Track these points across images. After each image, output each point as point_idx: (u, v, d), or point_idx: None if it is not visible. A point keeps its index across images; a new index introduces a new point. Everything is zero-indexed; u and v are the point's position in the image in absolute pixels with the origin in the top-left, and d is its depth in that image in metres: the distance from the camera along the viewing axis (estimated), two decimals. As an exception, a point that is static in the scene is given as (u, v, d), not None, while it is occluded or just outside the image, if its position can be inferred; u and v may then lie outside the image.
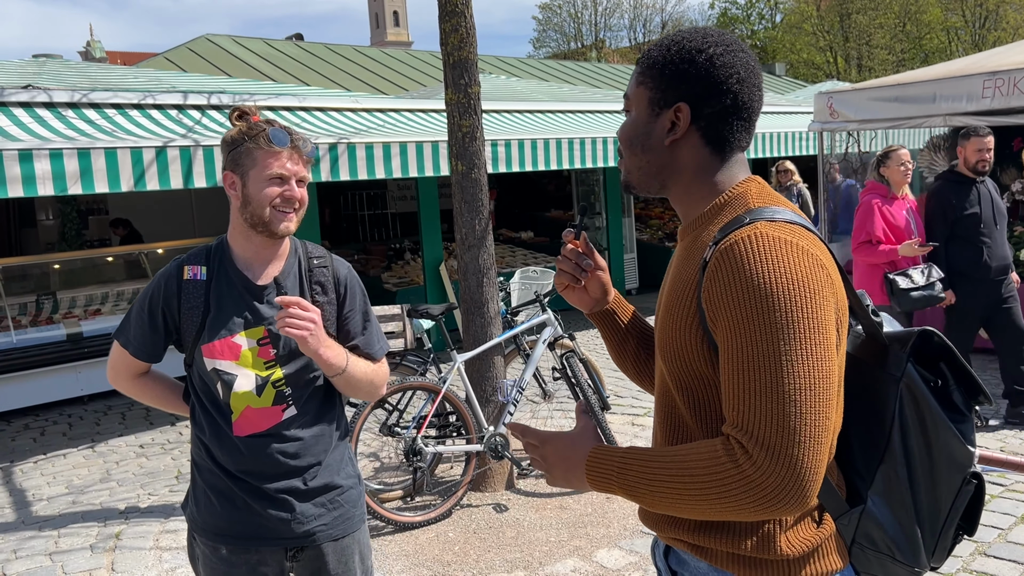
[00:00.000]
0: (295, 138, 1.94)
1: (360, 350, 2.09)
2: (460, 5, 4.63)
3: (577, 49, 47.38)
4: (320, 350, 1.90)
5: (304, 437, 2.00)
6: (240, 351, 1.95)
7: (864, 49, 36.67)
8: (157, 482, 5.37)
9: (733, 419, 1.19)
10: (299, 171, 1.95)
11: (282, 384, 1.98)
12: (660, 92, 1.35)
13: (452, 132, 4.76)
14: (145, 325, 1.99)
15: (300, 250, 2.07)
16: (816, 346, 1.16)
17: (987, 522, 3.99)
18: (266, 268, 2.00)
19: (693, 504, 1.20)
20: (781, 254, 1.18)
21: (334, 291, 2.06)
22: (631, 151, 1.40)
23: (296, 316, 1.84)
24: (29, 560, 4.26)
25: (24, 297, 7.76)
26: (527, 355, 5.02)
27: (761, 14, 41.78)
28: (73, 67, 9.61)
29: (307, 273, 2.04)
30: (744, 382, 1.17)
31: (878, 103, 7.92)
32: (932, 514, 1.32)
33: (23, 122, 6.21)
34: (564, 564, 3.85)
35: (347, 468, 2.10)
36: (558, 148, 8.51)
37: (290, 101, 8.10)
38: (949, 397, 1.32)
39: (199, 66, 13.91)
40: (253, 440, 1.97)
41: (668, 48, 1.35)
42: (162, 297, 1.98)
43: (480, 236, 4.76)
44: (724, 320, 1.20)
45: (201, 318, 1.95)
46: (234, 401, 1.96)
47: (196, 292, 1.97)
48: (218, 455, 1.99)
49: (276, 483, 1.97)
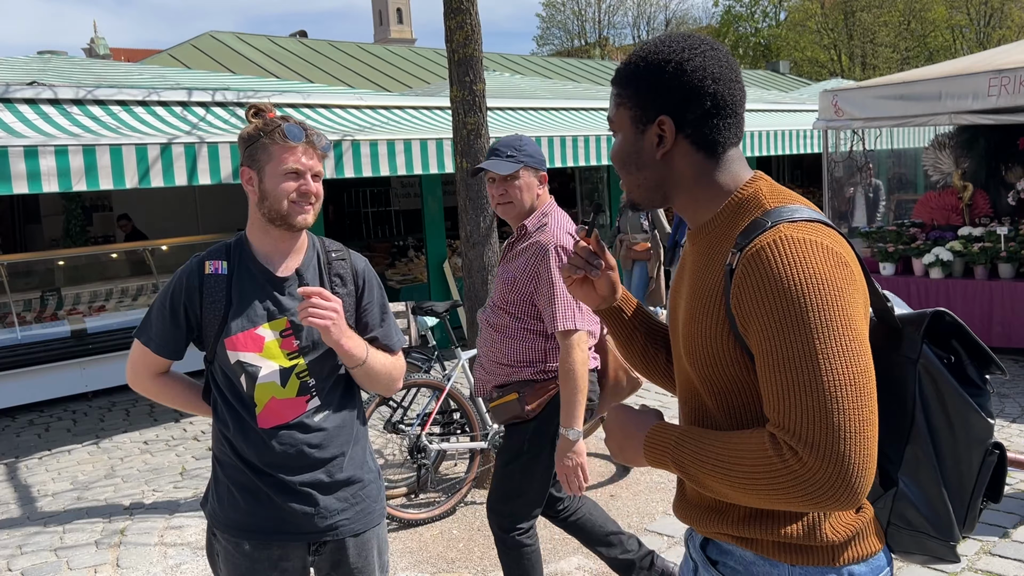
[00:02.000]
0: (309, 133, 1.96)
1: (379, 342, 2.11)
2: (465, 2, 4.63)
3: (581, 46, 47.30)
4: (342, 340, 1.92)
5: (328, 428, 2.02)
6: (263, 343, 1.97)
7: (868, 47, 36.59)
8: (161, 478, 5.38)
9: (777, 420, 1.21)
10: (314, 166, 1.97)
11: (306, 374, 2.00)
12: (640, 110, 1.35)
13: (457, 129, 4.76)
14: (167, 322, 2.01)
15: (318, 244, 2.10)
16: (851, 342, 1.18)
17: (993, 521, 3.99)
18: (286, 261, 2.02)
19: (742, 490, 1.23)
20: (808, 256, 1.20)
21: (352, 283, 2.08)
22: (627, 171, 1.41)
23: (319, 306, 1.86)
24: (34, 556, 4.27)
25: (29, 293, 7.77)
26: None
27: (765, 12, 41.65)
28: (78, 64, 9.62)
29: (326, 266, 2.07)
30: (784, 383, 1.19)
31: (883, 101, 7.90)
32: (960, 487, 1.35)
33: (28, 119, 6.22)
34: (568, 561, 3.85)
35: (368, 462, 2.13)
36: (562, 145, 8.51)
37: (294, 98, 8.11)
38: (964, 372, 1.34)
39: (203, 63, 13.92)
40: (278, 431, 1.98)
41: (636, 65, 1.35)
42: (184, 292, 1.99)
43: (484, 233, 4.76)
44: (757, 325, 1.22)
45: (223, 312, 1.97)
46: (258, 393, 1.97)
47: (218, 286, 1.98)
48: (242, 449, 2.00)
49: (300, 476, 1.99)
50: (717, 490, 1.27)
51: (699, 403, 1.40)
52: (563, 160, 8.54)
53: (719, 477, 1.25)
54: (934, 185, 9.02)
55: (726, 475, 1.24)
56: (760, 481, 1.20)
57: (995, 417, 1.36)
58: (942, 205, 8.45)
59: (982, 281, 7.18)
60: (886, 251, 7.90)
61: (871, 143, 9.26)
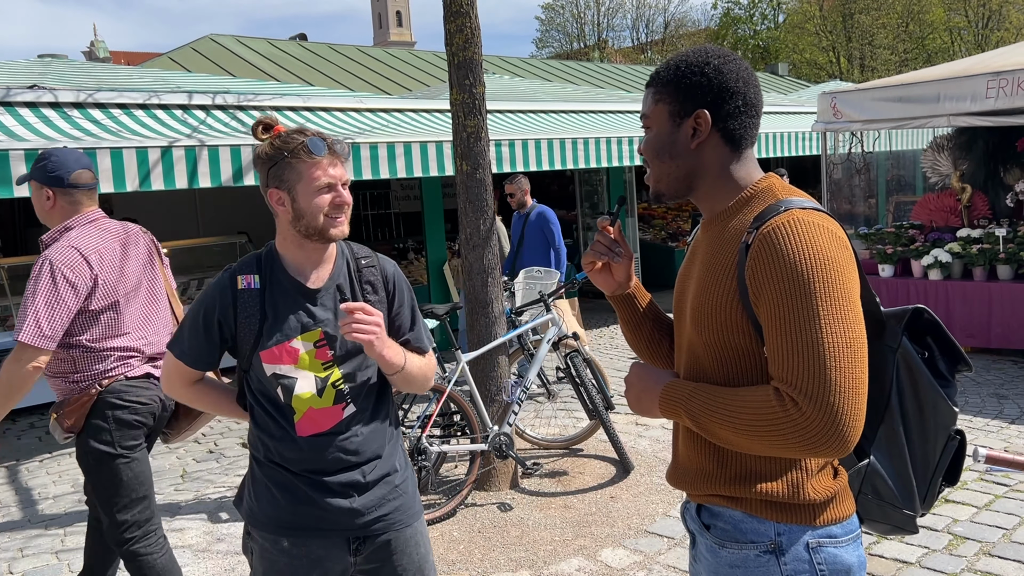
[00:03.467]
0: (331, 143, 1.97)
1: (411, 345, 2.15)
2: (465, 5, 4.64)
3: (580, 49, 47.34)
4: (384, 352, 1.95)
5: (364, 433, 2.05)
6: (298, 355, 1.99)
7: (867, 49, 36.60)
8: (162, 481, 5.39)
9: (780, 375, 1.37)
10: (341, 175, 1.99)
11: (341, 383, 2.03)
12: (678, 104, 1.52)
13: (457, 132, 4.77)
14: (200, 336, 2.03)
15: (347, 251, 2.12)
16: (848, 311, 1.35)
17: (992, 522, 4.00)
18: (317, 272, 2.05)
19: (746, 436, 1.39)
20: (815, 235, 1.38)
21: (383, 289, 2.11)
22: (659, 160, 1.56)
23: (362, 321, 1.89)
24: (35, 558, 4.28)
25: (29, 296, 7.77)
26: (531, 355, 5.03)
27: (764, 14, 41.68)
28: (78, 67, 9.63)
29: (356, 273, 2.09)
30: (789, 344, 1.35)
31: (882, 103, 7.92)
32: (924, 466, 1.55)
33: (29, 122, 6.23)
34: (569, 563, 3.86)
35: (402, 460, 2.16)
36: (562, 148, 8.52)
37: (294, 101, 8.12)
38: (936, 366, 1.55)
39: (203, 66, 13.93)
40: (315, 440, 2.01)
41: (677, 67, 1.53)
42: (217, 308, 2.01)
43: (484, 236, 4.77)
44: (768, 293, 1.38)
45: (258, 326, 2.00)
46: (296, 403, 2.00)
47: (251, 301, 2.00)
48: (280, 454, 2.02)
49: (338, 477, 2.02)
50: (724, 437, 1.42)
51: (699, 370, 1.55)
52: (563, 162, 8.55)
53: (727, 425, 1.40)
54: (933, 187, 9.04)
55: (733, 423, 1.40)
56: (763, 428, 1.36)
57: (958, 407, 1.57)
58: (941, 207, 8.47)
59: (981, 283, 7.19)
60: (885, 252, 7.92)
61: (870, 145, 9.28)
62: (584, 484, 4.85)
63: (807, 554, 1.47)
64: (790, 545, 1.47)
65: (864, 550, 1.64)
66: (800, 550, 1.47)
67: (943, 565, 3.63)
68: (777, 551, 1.48)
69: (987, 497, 4.31)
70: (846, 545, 1.49)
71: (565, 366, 5.12)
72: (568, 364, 5.09)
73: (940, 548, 3.78)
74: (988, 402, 5.95)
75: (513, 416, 4.71)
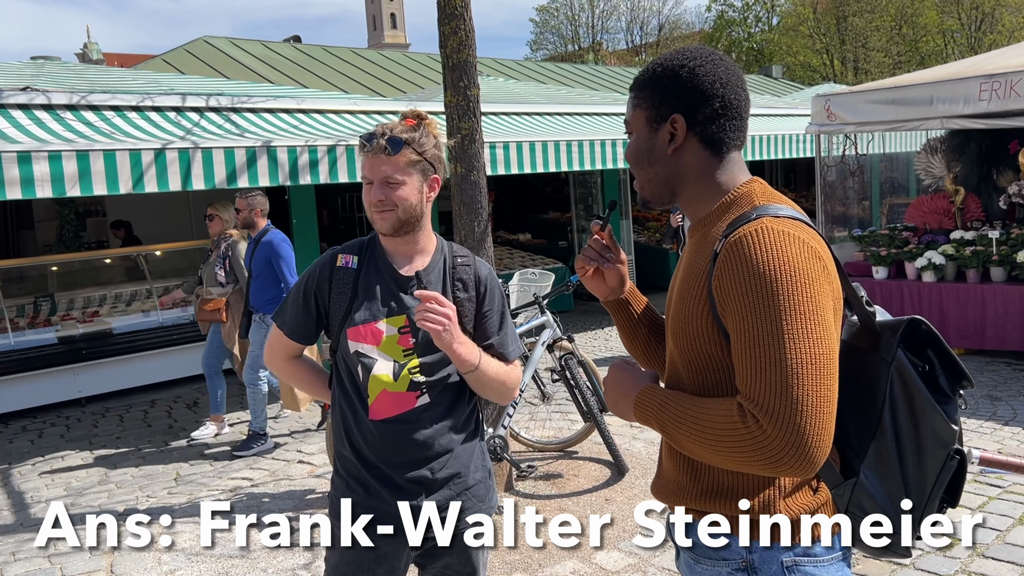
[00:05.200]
0: (377, 137, 2.01)
1: (495, 349, 2.15)
2: (460, 8, 4.64)
3: (575, 51, 47.39)
4: (453, 345, 1.96)
5: (436, 426, 2.07)
6: (382, 336, 2.04)
7: (860, 52, 36.71)
8: (155, 484, 5.37)
9: (745, 392, 1.32)
10: (383, 171, 2.00)
11: (417, 372, 2.05)
12: (655, 109, 1.50)
13: (451, 134, 4.76)
14: (300, 308, 2.12)
15: (446, 249, 2.17)
16: (816, 326, 1.29)
17: (987, 524, 4.00)
18: (412, 262, 2.10)
19: (712, 451, 1.35)
20: (783, 245, 1.32)
21: (474, 289, 2.14)
22: (640, 167, 1.54)
23: (433, 311, 1.91)
24: (28, 562, 4.26)
25: (22, 299, 7.75)
26: (526, 357, 5.02)
27: (758, 16, 41.79)
28: (71, 69, 9.60)
29: (451, 270, 2.13)
30: (752, 359, 1.30)
31: (876, 106, 7.94)
32: (919, 487, 1.44)
33: (21, 124, 6.20)
34: (564, 566, 3.86)
35: (477, 463, 2.16)
36: (556, 150, 8.52)
37: (288, 103, 8.11)
38: (936, 381, 1.45)
39: (197, 68, 13.90)
40: (387, 425, 2.04)
41: (654, 71, 1.51)
42: (315, 282, 2.10)
43: (479, 238, 4.77)
44: (733, 304, 1.34)
45: (348, 303, 2.06)
46: (372, 384, 2.04)
47: (346, 279, 2.08)
48: (355, 439, 2.07)
49: (406, 471, 2.04)
50: (692, 450, 1.40)
51: (678, 380, 1.52)
52: (557, 164, 8.55)
53: (693, 438, 1.37)
54: (926, 189, 9.06)
55: (699, 437, 1.35)
56: (726, 444, 1.32)
57: (959, 425, 1.44)
58: (934, 209, 8.49)
59: (974, 285, 7.21)
60: (879, 255, 7.93)
61: (863, 147, 9.30)
62: (579, 486, 4.84)
63: (782, 573, 1.42)
64: (763, 564, 1.43)
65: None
66: (775, 569, 1.42)
67: (937, 567, 3.63)
68: (749, 569, 1.44)
69: (981, 499, 4.31)
70: (827, 565, 1.44)
71: (560, 368, 5.12)
72: (563, 366, 5.09)
73: (935, 550, 3.78)
74: (982, 404, 5.96)
75: (508, 418, 4.70)
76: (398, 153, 1.99)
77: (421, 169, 2.03)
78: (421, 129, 2.05)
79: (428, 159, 2.04)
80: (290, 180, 6.69)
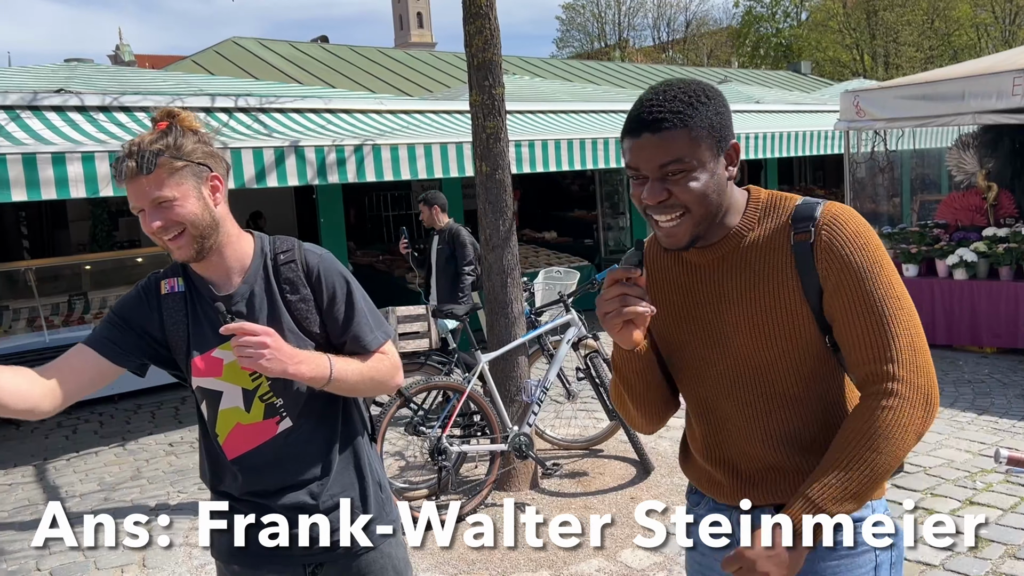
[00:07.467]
0: (124, 159, 1.69)
1: (350, 345, 1.85)
2: (485, 7, 4.65)
3: (600, 49, 47.21)
4: (288, 369, 1.67)
5: (307, 449, 1.83)
6: (222, 365, 1.78)
7: (891, 46, 36.22)
8: (186, 480, 5.45)
9: (873, 355, 1.42)
10: (148, 194, 1.68)
11: (270, 396, 1.80)
12: (717, 140, 1.44)
13: (476, 133, 4.78)
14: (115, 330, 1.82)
15: (267, 248, 1.86)
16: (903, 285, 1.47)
17: (1017, 525, 3.95)
18: (228, 276, 1.82)
19: (895, 454, 1.40)
20: (861, 219, 1.48)
21: (305, 285, 1.82)
22: (706, 205, 1.45)
23: (245, 344, 1.63)
24: (63, 555, 4.35)
25: (56, 297, 7.89)
26: (551, 355, 5.03)
27: (786, 12, 41.36)
28: (104, 71, 9.75)
29: (274, 273, 1.83)
30: (879, 319, 1.42)
31: (906, 101, 7.84)
32: None
33: (56, 126, 6.32)
34: (589, 564, 3.86)
35: (366, 473, 1.91)
36: (582, 148, 8.51)
37: (316, 103, 8.17)
38: None
39: (226, 69, 14.06)
40: (248, 459, 1.81)
41: (694, 104, 1.42)
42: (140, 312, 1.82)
43: (504, 237, 4.78)
44: (851, 276, 1.43)
45: (186, 332, 1.80)
46: (221, 421, 1.81)
47: (176, 306, 1.81)
48: (219, 478, 1.86)
49: (281, 499, 1.82)
50: (889, 469, 1.41)
51: (773, 382, 1.52)
52: (583, 163, 8.54)
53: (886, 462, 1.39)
54: (958, 185, 8.93)
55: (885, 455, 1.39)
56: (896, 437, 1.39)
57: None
58: (966, 206, 8.36)
59: (1007, 282, 7.09)
60: (909, 252, 7.84)
61: (893, 143, 9.19)
62: (604, 485, 4.84)
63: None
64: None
65: None
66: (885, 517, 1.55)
67: (968, 568, 3.59)
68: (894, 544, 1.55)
69: (1012, 499, 4.25)
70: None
71: (585, 367, 5.12)
72: (588, 364, 5.09)
73: (964, 551, 3.74)
74: (1015, 404, 5.87)
75: (533, 416, 4.72)
76: (156, 168, 1.67)
77: (192, 174, 1.72)
78: (174, 130, 1.74)
79: (195, 160, 1.73)
80: (318, 179, 6.76)
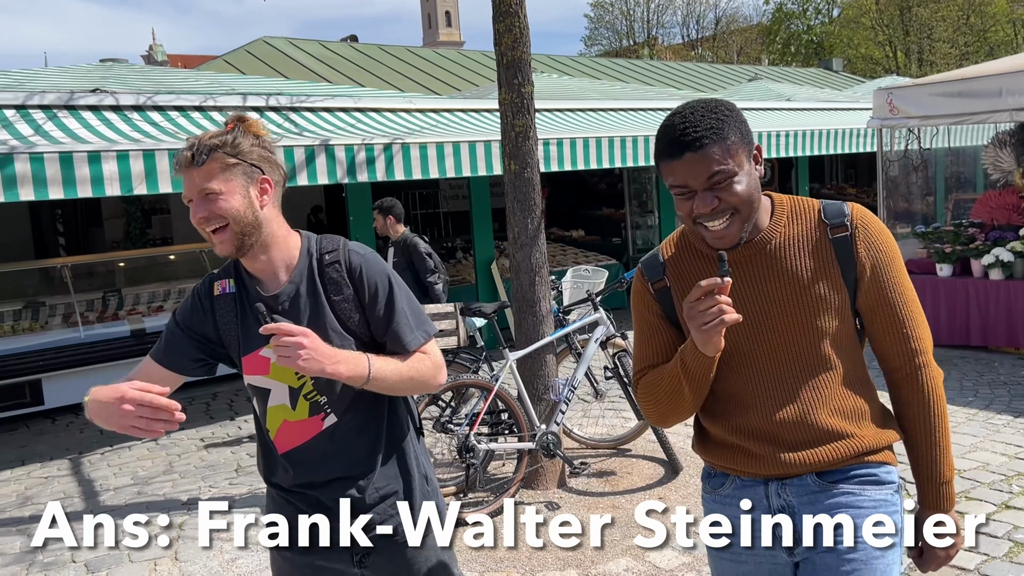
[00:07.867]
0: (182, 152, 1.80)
1: (391, 345, 1.90)
2: (514, 5, 4.65)
3: (629, 46, 46.97)
4: (326, 368, 1.73)
5: (351, 444, 1.89)
6: (269, 364, 1.85)
7: (925, 43, 35.65)
8: (217, 475, 5.52)
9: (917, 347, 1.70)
10: (197, 185, 1.78)
11: (314, 394, 1.87)
12: (748, 146, 1.64)
13: (505, 132, 4.78)
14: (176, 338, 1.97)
15: (313, 248, 1.91)
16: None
17: None
18: (276, 275, 1.88)
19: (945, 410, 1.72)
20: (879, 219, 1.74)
21: (348, 285, 1.87)
22: (751, 203, 1.62)
23: (284, 344, 1.69)
24: (98, 548, 4.42)
25: (91, 294, 8.03)
26: (579, 354, 5.02)
27: (818, 8, 40.87)
28: (138, 71, 9.89)
29: (319, 273, 1.88)
30: (916, 310, 1.70)
31: (940, 98, 7.72)
32: None
33: (91, 125, 6.42)
34: (617, 563, 3.85)
35: (411, 470, 1.98)
36: (610, 146, 8.49)
37: (345, 102, 8.22)
38: None
39: (257, 68, 14.19)
40: (297, 454, 1.89)
41: (721, 117, 1.60)
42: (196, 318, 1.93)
43: (532, 235, 4.78)
44: (888, 261, 1.68)
45: (237, 332, 1.89)
46: (271, 417, 1.89)
47: (228, 307, 1.89)
48: (272, 471, 1.96)
49: (331, 492, 1.90)
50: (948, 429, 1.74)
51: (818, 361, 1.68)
52: (611, 161, 8.51)
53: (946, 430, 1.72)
54: (994, 184, 8.77)
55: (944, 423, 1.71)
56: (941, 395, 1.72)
57: None
58: (1002, 204, 8.21)
59: (1045, 283, 6.96)
60: (943, 252, 7.72)
61: (927, 142, 9.05)
62: (632, 484, 4.83)
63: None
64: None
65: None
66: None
67: (1003, 572, 3.53)
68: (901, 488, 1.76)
69: (1050, 504, 4.17)
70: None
71: (613, 365, 5.11)
72: (616, 363, 5.07)
73: (1000, 555, 3.67)
74: (1052, 406, 5.76)
75: (561, 415, 4.71)
76: (209, 161, 1.76)
77: (242, 172, 1.79)
78: (236, 131, 1.82)
79: (249, 160, 1.80)
80: (347, 178, 6.80)
